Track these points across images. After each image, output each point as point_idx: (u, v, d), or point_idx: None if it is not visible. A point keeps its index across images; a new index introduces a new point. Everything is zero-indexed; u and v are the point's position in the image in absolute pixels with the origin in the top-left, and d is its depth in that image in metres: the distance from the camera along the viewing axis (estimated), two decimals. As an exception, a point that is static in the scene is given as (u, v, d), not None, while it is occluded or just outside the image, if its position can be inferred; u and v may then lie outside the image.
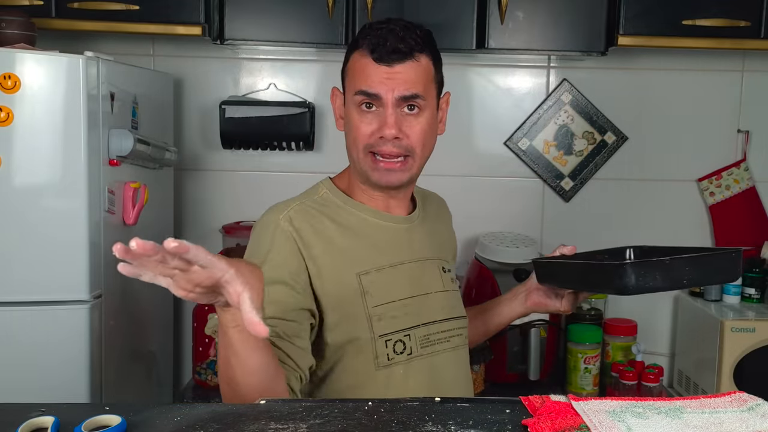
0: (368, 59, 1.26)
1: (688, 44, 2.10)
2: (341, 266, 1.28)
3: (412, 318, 1.31)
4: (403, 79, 1.26)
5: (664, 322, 2.53)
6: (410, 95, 1.26)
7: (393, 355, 1.28)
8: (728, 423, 0.80)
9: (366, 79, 1.26)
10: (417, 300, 1.33)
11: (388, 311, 1.29)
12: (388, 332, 1.28)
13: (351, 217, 1.34)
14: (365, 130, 1.28)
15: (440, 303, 1.37)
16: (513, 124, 2.44)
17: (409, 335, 1.30)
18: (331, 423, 0.79)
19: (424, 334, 1.32)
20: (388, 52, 1.25)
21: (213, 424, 0.79)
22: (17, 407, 0.84)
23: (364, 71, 1.27)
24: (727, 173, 2.44)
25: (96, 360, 1.74)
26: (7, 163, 1.64)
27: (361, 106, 1.28)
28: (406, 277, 1.33)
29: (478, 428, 0.79)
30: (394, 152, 1.28)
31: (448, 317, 1.37)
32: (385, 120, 1.26)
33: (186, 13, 2.02)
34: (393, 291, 1.30)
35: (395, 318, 1.29)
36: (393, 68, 1.25)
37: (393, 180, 1.30)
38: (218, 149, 2.37)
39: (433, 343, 1.33)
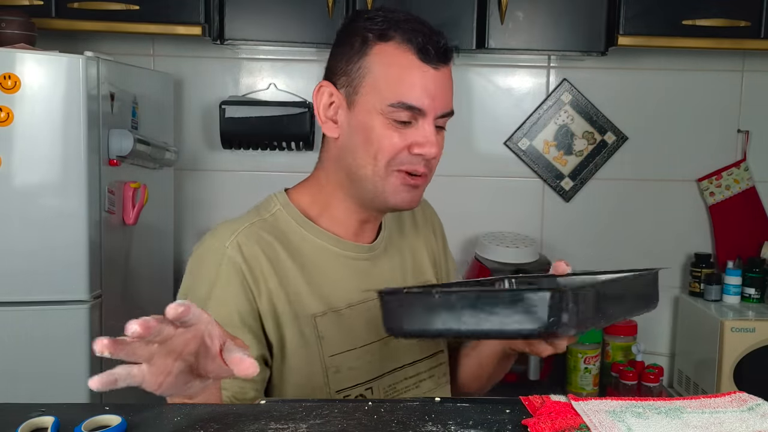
0: (411, 57, 1.05)
1: (688, 44, 2.11)
2: (296, 306, 1.07)
3: (375, 367, 1.13)
4: (446, 91, 1.09)
5: (664, 322, 2.53)
6: (449, 112, 1.10)
7: None
8: (728, 423, 0.79)
9: (410, 88, 1.04)
10: (381, 344, 1.13)
11: (346, 361, 1.10)
12: (347, 387, 1.10)
13: (305, 244, 1.12)
14: (397, 144, 1.06)
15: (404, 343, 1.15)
16: (513, 124, 2.44)
17: (371, 388, 1.12)
18: (331, 423, 0.79)
19: (390, 383, 1.15)
20: (438, 52, 1.05)
21: (213, 424, 0.79)
22: (17, 407, 0.83)
23: (406, 75, 1.05)
24: (727, 173, 2.44)
25: (96, 360, 1.74)
26: (7, 163, 1.64)
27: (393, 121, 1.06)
28: (368, 318, 1.11)
29: (478, 428, 0.79)
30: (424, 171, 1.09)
31: (417, 359, 1.18)
32: (426, 137, 1.06)
33: (186, 13, 2.02)
34: (352, 336, 1.10)
35: (353, 369, 1.10)
36: (440, 71, 1.07)
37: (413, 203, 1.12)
38: (218, 149, 2.37)
39: (400, 392, 1.15)
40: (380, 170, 1.08)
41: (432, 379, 1.22)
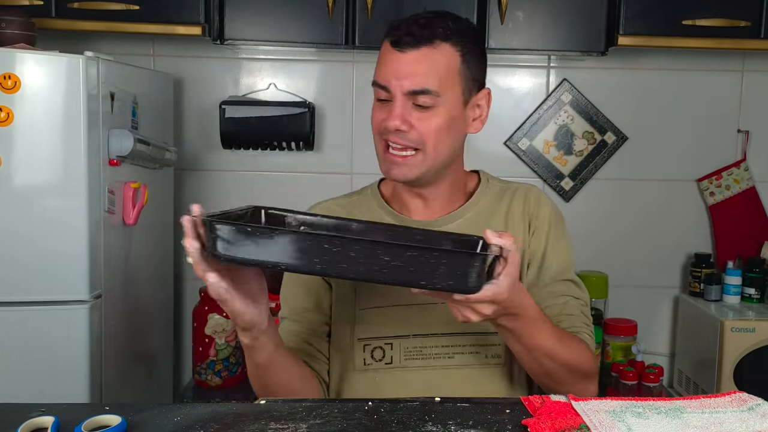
0: (386, 46, 1.21)
1: (688, 44, 2.10)
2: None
3: (400, 327, 1.24)
4: (411, 70, 1.17)
5: (664, 322, 2.53)
6: (419, 90, 1.17)
7: (370, 360, 1.24)
8: (728, 423, 0.79)
9: (380, 70, 1.21)
10: (411, 309, 1.24)
11: (372, 316, 1.25)
12: (367, 337, 1.24)
13: (372, 216, 1.28)
14: (378, 117, 1.23)
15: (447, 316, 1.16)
16: (513, 124, 2.44)
17: (391, 344, 1.24)
18: (331, 423, 0.79)
19: (416, 345, 1.24)
20: (401, 35, 1.18)
21: (213, 424, 0.79)
22: (17, 407, 0.83)
23: (382, 59, 1.22)
24: (727, 173, 2.44)
25: (96, 360, 1.74)
26: (7, 163, 1.64)
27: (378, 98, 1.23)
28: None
29: (478, 428, 0.79)
30: (400, 143, 1.20)
31: (457, 332, 1.24)
32: (390, 111, 1.19)
33: (186, 13, 2.02)
34: (384, 296, 1.24)
35: (376, 324, 1.24)
36: (404, 54, 1.17)
37: (398, 174, 1.22)
38: (218, 149, 2.37)
39: (428, 357, 1.24)
40: (377, 145, 1.25)
41: (475, 355, 1.25)
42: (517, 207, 1.32)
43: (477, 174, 1.38)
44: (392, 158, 1.21)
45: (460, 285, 0.84)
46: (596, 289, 2.35)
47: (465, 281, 0.84)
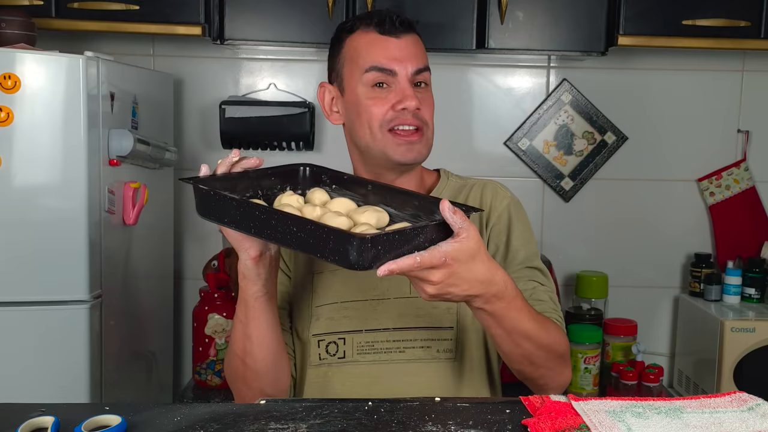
0: (372, 34, 1.25)
1: (688, 44, 2.10)
2: (303, 267, 1.32)
3: (353, 322, 1.27)
4: (412, 52, 1.25)
5: (664, 322, 2.53)
6: (423, 68, 1.26)
7: (325, 355, 1.27)
8: (728, 423, 0.80)
9: (376, 56, 1.24)
10: (366, 304, 1.27)
11: (326, 312, 1.28)
12: (321, 333, 1.27)
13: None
14: (381, 108, 1.24)
15: (399, 310, 1.26)
16: (513, 124, 2.44)
17: (344, 339, 1.27)
18: (331, 423, 0.79)
19: (368, 340, 1.26)
20: (393, 24, 1.24)
21: (213, 424, 0.79)
22: (17, 407, 0.83)
23: (371, 47, 1.24)
24: (727, 173, 2.44)
25: (96, 360, 1.74)
26: (7, 163, 1.64)
27: (374, 86, 1.24)
28: (359, 280, 1.27)
29: (478, 428, 0.79)
30: (415, 123, 1.24)
31: (408, 326, 1.26)
32: (403, 93, 1.23)
33: (186, 13, 2.02)
34: (338, 293, 1.28)
35: (332, 320, 1.27)
36: (401, 39, 1.25)
37: (415, 155, 1.25)
38: (218, 149, 2.37)
39: (379, 351, 1.26)
40: (376, 134, 1.25)
41: (426, 350, 1.26)
42: (473, 203, 1.32)
43: (437, 171, 1.41)
44: (406, 140, 1.24)
45: (343, 261, 0.91)
46: (596, 289, 2.35)
47: (347, 257, 0.90)
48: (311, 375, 1.27)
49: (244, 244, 1.10)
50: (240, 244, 1.10)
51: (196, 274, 2.37)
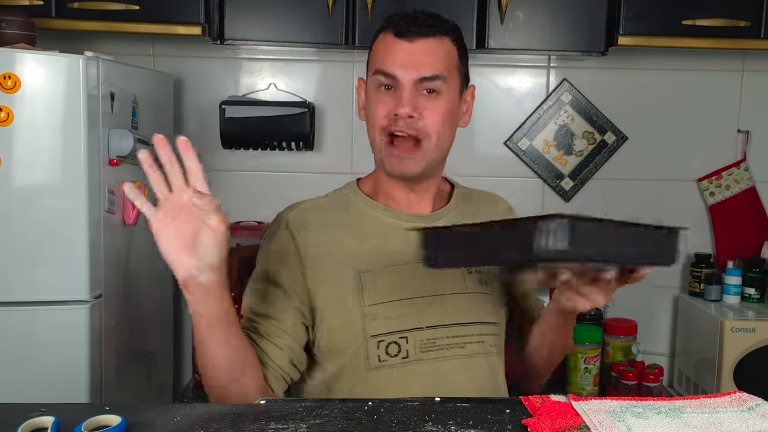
0: (389, 37, 1.23)
1: (688, 44, 2.10)
2: (342, 264, 1.25)
3: (412, 320, 1.24)
4: (422, 59, 1.21)
5: (664, 322, 2.53)
6: (430, 76, 1.21)
7: (385, 357, 1.22)
8: (728, 423, 0.80)
9: (384, 59, 1.23)
10: (421, 301, 1.25)
11: (382, 311, 1.23)
12: (381, 333, 1.22)
13: (364, 216, 1.30)
14: (382, 111, 1.23)
15: (455, 306, 1.27)
16: (513, 124, 2.44)
17: (406, 337, 1.23)
18: (331, 423, 0.79)
19: (429, 337, 1.24)
20: (408, 26, 1.22)
21: (213, 424, 0.79)
22: (17, 407, 0.83)
23: (384, 49, 1.23)
24: (727, 173, 2.44)
25: (96, 360, 1.74)
26: (7, 163, 1.64)
27: (380, 88, 1.24)
28: (413, 277, 1.25)
29: (478, 428, 0.79)
30: (408, 131, 1.21)
31: (465, 322, 1.27)
32: (401, 98, 1.21)
33: (186, 13, 2.02)
34: (392, 290, 1.24)
35: (390, 318, 1.23)
36: (414, 43, 1.22)
37: (405, 169, 1.24)
38: (218, 149, 2.37)
39: (441, 348, 1.25)
40: (377, 136, 1.25)
41: (480, 344, 1.29)
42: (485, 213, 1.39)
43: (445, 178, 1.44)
44: (398, 154, 1.23)
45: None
46: (596, 289, 2.35)
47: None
48: (370, 378, 1.22)
49: (173, 267, 1.05)
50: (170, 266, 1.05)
51: (196, 274, 2.37)
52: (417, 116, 1.22)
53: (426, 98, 1.23)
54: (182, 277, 1.04)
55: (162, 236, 1.02)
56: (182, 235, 1.02)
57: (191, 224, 1.01)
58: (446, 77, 1.23)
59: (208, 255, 1.02)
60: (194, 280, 1.04)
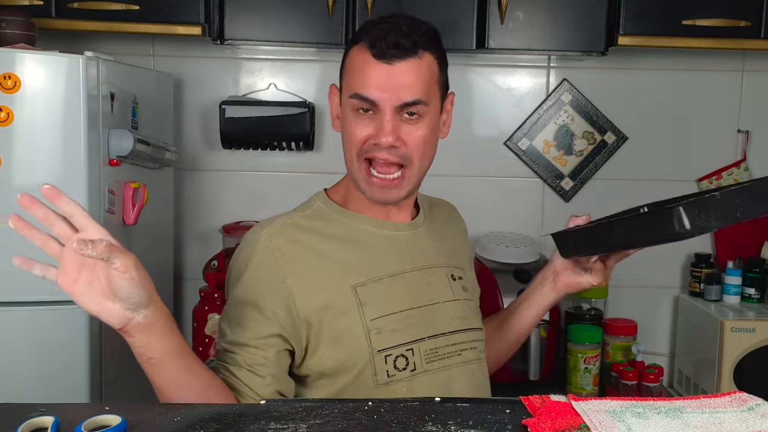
0: (366, 55, 1.16)
1: (688, 44, 2.10)
2: (334, 280, 1.19)
3: (416, 330, 1.21)
4: (402, 82, 1.16)
5: (664, 322, 2.53)
6: (411, 101, 1.16)
7: (394, 371, 1.18)
8: (728, 423, 0.79)
9: (363, 81, 1.16)
10: (422, 311, 1.23)
11: (387, 324, 1.19)
12: (388, 347, 1.18)
13: (345, 227, 1.25)
14: (360, 135, 1.18)
15: (449, 314, 1.26)
16: (513, 124, 2.44)
17: (412, 349, 1.20)
18: (331, 423, 0.79)
19: (431, 347, 1.22)
20: (388, 47, 1.14)
21: (213, 424, 0.79)
22: (17, 407, 0.83)
23: (361, 70, 1.17)
24: (727, 173, 2.44)
25: (96, 360, 1.74)
26: (7, 163, 1.64)
27: (358, 110, 1.18)
28: (408, 286, 1.23)
29: (478, 428, 0.79)
30: (390, 160, 1.18)
31: (459, 329, 1.27)
32: (381, 126, 1.16)
33: (186, 13, 2.02)
34: (393, 302, 1.21)
35: (396, 331, 1.19)
36: (393, 66, 1.15)
37: (389, 197, 1.22)
38: (218, 149, 2.37)
39: (443, 357, 1.23)
40: (353, 160, 1.21)
41: (474, 351, 1.29)
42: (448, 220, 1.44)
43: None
44: (380, 183, 1.20)
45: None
46: (596, 289, 2.34)
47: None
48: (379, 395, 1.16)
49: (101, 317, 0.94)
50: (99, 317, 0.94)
51: (196, 274, 2.37)
52: (399, 144, 1.18)
53: (407, 123, 1.18)
54: (118, 324, 0.94)
55: (76, 294, 0.93)
56: (97, 283, 0.93)
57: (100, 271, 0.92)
58: (426, 100, 1.18)
59: (132, 296, 0.92)
60: (132, 322, 0.95)
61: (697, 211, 1.03)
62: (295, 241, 1.20)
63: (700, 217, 1.03)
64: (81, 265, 0.93)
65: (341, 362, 1.18)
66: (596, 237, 1.28)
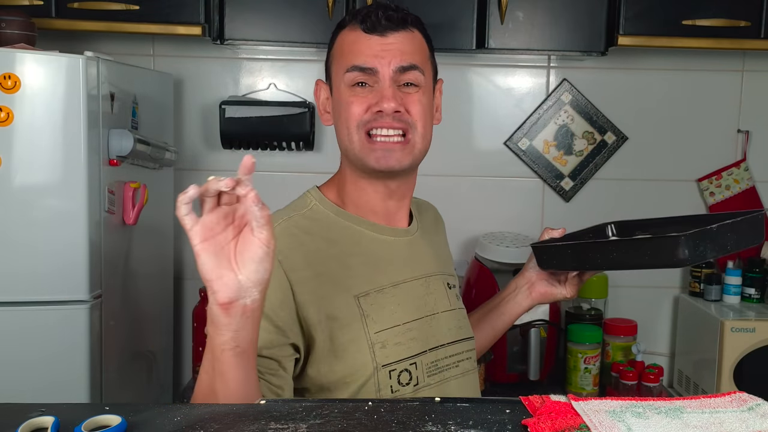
0: (358, 32, 1.16)
1: (688, 44, 2.10)
2: (337, 289, 1.15)
3: (419, 344, 1.18)
4: (399, 49, 1.15)
5: (664, 322, 2.53)
6: (409, 65, 1.16)
7: (397, 387, 1.14)
8: (728, 423, 0.79)
9: (359, 54, 1.15)
10: (423, 322, 1.20)
11: (391, 337, 1.15)
12: (392, 361, 1.15)
13: (345, 231, 1.21)
14: (359, 107, 1.16)
15: (447, 324, 1.25)
16: (513, 124, 2.44)
17: (415, 363, 1.17)
18: (331, 423, 0.79)
19: (432, 360, 1.20)
20: (379, 20, 1.15)
21: (213, 424, 0.79)
22: (17, 407, 0.83)
23: (355, 45, 1.16)
24: (727, 173, 2.44)
25: (96, 360, 1.74)
26: (7, 163, 1.64)
27: (354, 86, 1.16)
28: (409, 297, 1.20)
29: (478, 428, 0.79)
30: (395, 125, 1.15)
31: (456, 339, 1.25)
32: (381, 93, 1.15)
33: (186, 13, 2.02)
34: (397, 314, 1.17)
35: (399, 345, 1.16)
36: (387, 38, 1.15)
37: (393, 162, 1.17)
38: (218, 149, 2.37)
39: (442, 369, 1.21)
40: (353, 135, 1.17)
41: (469, 360, 1.28)
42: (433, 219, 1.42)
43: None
44: (383, 146, 1.16)
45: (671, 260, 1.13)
46: (596, 289, 2.35)
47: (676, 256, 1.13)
48: None
49: (214, 285, 0.87)
50: (210, 285, 0.87)
51: (196, 274, 2.35)
52: (402, 110, 1.16)
53: (406, 92, 1.17)
54: (225, 297, 0.87)
55: (203, 253, 0.86)
56: (228, 249, 0.87)
57: (237, 238, 0.88)
58: (422, 68, 1.18)
59: (259, 270, 0.87)
60: (237, 301, 0.88)
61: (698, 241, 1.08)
62: (297, 245, 1.16)
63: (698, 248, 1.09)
64: (223, 226, 0.88)
65: (342, 376, 1.14)
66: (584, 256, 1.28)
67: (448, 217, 1.53)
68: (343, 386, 1.14)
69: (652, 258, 1.15)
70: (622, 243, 1.26)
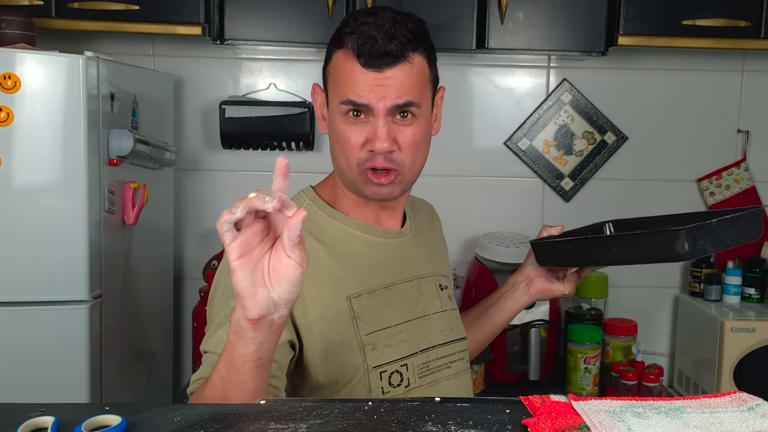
0: (354, 63, 1.13)
1: (688, 44, 2.10)
2: (329, 290, 1.16)
3: (409, 345, 1.19)
4: (395, 85, 1.13)
5: (664, 322, 2.53)
6: (404, 103, 1.14)
7: (389, 388, 1.16)
8: (728, 423, 0.79)
9: (353, 87, 1.14)
10: (414, 324, 1.21)
11: (382, 339, 1.17)
12: (383, 363, 1.16)
13: (338, 232, 1.22)
14: (355, 142, 1.16)
15: (439, 325, 1.26)
16: (513, 124, 2.44)
17: (406, 365, 1.18)
18: (331, 423, 0.79)
19: (423, 362, 1.21)
20: (376, 56, 1.12)
21: (213, 424, 0.79)
22: (17, 407, 0.83)
23: (350, 77, 1.14)
24: (727, 173, 2.44)
25: (96, 360, 1.74)
26: (7, 163, 1.64)
27: (348, 114, 1.16)
28: (400, 298, 1.22)
29: (478, 428, 0.79)
30: (386, 165, 1.17)
31: (448, 341, 1.26)
32: (375, 132, 1.14)
33: (186, 13, 2.02)
34: (387, 315, 1.19)
35: (390, 346, 1.17)
36: (384, 74, 1.13)
37: (384, 194, 1.19)
38: (218, 149, 2.37)
39: (433, 371, 1.22)
40: (353, 168, 1.18)
41: (462, 361, 1.28)
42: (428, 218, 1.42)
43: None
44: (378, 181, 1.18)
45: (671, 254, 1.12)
46: (596, 289, 2.35)
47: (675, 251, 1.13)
48: None
49: (246, 303, 0.86)
50: (243, 301, 0.87)
51: (196, 274, 2.37)
52: (394, 149, 1.16)
53: (400, 124, 1.16)
54: (256, 314, 0.87)
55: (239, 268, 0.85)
56: (262, 265, 0.87)
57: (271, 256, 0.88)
58: (419, 102, 1.16)
59: (292, 290, 0.87)
60: (269, 317, 0.87)
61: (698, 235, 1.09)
62: None
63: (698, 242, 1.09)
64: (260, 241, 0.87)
65: (333, 378, 1.14)
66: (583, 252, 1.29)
67: (448, 217, 1.53)
68: (334, 387, 1.15)
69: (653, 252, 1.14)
70: (622, 238, 1.27)
